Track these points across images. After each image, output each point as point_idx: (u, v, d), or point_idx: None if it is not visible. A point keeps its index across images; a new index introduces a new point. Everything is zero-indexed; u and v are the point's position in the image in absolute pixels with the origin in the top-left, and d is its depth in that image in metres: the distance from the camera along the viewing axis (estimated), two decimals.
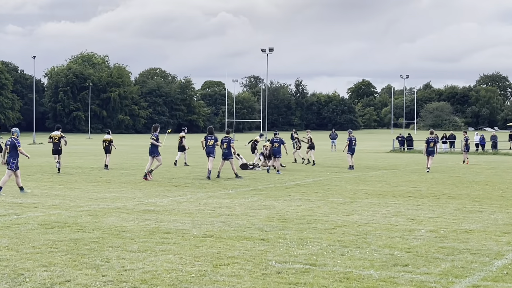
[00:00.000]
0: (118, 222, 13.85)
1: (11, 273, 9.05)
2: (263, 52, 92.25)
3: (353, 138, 33.25)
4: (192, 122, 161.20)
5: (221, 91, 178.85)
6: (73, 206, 16.45)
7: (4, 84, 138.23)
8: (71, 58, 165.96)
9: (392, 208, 16.76)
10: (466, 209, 16.75)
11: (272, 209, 16.34)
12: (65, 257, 10.07)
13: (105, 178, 25.17)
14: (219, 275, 9.04)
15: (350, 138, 33.08)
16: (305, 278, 8.91)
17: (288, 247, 11.10)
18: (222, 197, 19.08)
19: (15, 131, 19.99)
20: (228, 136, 27.54)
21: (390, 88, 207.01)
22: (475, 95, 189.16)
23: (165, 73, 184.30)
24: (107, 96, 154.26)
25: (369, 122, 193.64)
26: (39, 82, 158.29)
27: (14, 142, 19.33)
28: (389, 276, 9.06)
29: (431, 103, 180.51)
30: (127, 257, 10.15)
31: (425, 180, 26.00)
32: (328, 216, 15.03)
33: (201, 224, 13.60)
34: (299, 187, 22.55)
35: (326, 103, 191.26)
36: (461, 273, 9.32)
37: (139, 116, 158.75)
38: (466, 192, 21.11)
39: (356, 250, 10.90)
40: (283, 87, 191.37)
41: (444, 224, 13.95)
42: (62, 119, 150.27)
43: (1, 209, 15.84)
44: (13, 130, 20.05)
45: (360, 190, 21.57)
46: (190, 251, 10.70)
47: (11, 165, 19.21)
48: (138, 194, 19.71)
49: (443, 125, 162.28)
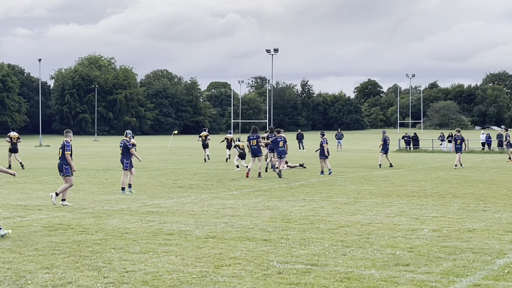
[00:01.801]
0: (122, 223, 13.89)
1: (13, 275, 9.10)
2: (268, 52, 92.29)
3: (387, 137, 35.38)
4: (198, 123, 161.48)
5: (227, 92, 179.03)
6: (77, 208, 16.51)
7: (10, 87, 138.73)
8: (78, 61, 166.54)
9: (396, 207, 16.76)
10: (470, 208, 16.73)
11: (276, 209, 16.35)
12: (68, 259, 10.11)
13: (110, 180, 25.24)
14: (220, 276, 9.06)
15: (385, 138, 35.11)
16: (306, 278, 8.92)
17: (290, 248, 11.11)
18: (226, 198, 19.11)
19: (129, 133, 20.81)
20: (256, 133, 27.64)
21: (396, 88, 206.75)
22: (482, 93, 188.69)
23: (171, 74, 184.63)
24: (113, 98, 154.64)
25: (375, 121, 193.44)
26: (45, 84, 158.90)
27: (126, 144, 20.20)
28: (390, 276, 9.06)
29: (438, 102, 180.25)
30: (129, 258, 10.19)
31: (430, 179, 25.96)
32: (331, 216, 15.03)
33: (204, 225, 13.63)
34: (304, 187, 22.56)
35: (332, 103, 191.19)
36: (462, 272, 9.31)
37: (145, 118, 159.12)
38: (471, 191, 21.08)
39: (358, 250, 10.91)
40: (289, 88, 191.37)
41: (448, 224, 13.94)
42: (69, 121, 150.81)
43: (5, 211, 15.90)
44: (127, 132, 20.85)
45: (364, 190, 21.56)
46: (192, 252, 10.73)
47: (125, 165, 20.21)
48: (142, 195, 19.76)
49: (450, 124, 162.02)
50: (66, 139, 17.51)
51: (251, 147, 27.12)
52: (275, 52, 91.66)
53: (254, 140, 27.21)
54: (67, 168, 17.25)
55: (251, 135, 27.49)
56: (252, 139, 27.20)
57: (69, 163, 17.23)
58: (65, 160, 17.27)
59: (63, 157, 17.32)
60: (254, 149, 27.01)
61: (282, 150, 27.74)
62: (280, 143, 27.79)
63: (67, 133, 17.88)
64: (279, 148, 27.74)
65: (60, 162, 17.37)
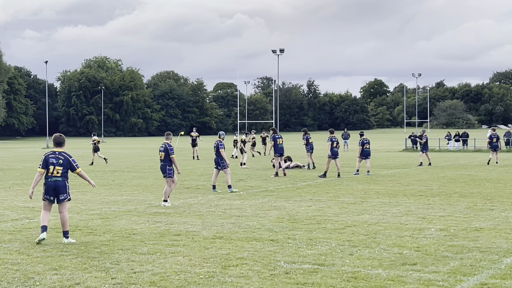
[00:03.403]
0: (129, 224, 13.93)
1: (22, 276, 9.15)
2: (274, 53, 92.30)
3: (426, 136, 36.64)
4: (204, 124, 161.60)
5: (233, 92, 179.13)
6: (84, 210, 16.56)
7: (17, 89, 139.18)
8: (84, 62, 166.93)
9: (403, 207, 16.75)
10: (477, 207, 16.71)
11: (283, 209, 16.37)
12: (75, 260, 10.15)
13: (117, 182, 25.30)
14: (227, 276, 9.09)
15: (426, 137, 36.30)
16: (313, 278, 8.94)
17: (297, 248, 11.13)
18: (233, 198, 19.13)
19: (222, 134, 21.94)
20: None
21: (402, 87, 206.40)
22: (489, 92, 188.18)
23: (177, 75, 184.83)
24: (119, 99, 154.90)
25: (381, 121, 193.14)
26: (52, 86, 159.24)
27: (219, 144, 20.94)
28: (397, 275, 9.07)
29: (444, 101, 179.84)
30: (136, 259, 10.22)
31: (436, 179, 25.93)
32: (338, 216, 15.04)
33: (211, 226, 13.66)
34: (310, 187, 22.56)
35: (338, 103, 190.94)
36: (469, 271, 9.31)
37: (152, 119, 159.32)
38: (478, 190, 21.04)
39: (365, 250, 10.92)
40: (295, 88, 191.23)
41: (455, 223, 13.93)
42: (75, 123, 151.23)
43: (13, 213, 15.97)
44: (220, 133, 21.97)
45: (371, 189, 21.55)
46: (200, 252, 10.75)
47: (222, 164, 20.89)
48: (149, 196, 19.81)
49: (457, 123, 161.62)
50: (168, 142, 17.87)
51: (278, 146, 27.58)
52: (281, 52, 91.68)
53: (280, 139, 28.11)
54: (170, 169, 17.67)
55: (276, 134, 28.15)
56: (278, 138, 27.96)
57: (175, 165, 17.63)
58: (168, 162, 17.63)
59: (166, 159, 17.61)
60: (281, 148, 27.60)
61: (280, 148, 28.01)
62: (279, 140, 28.05)
63: (168, 136, 18.21)
64: (278, 146, 28.07)
65: (163, 164, 17.68)
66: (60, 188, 11.88)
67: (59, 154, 12.01)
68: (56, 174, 11.86)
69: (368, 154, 28.80)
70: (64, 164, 11.91)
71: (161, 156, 17.81)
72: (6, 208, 16.61)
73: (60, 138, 12.22)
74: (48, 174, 11.88)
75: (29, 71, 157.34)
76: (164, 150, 17.77)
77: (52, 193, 11.90)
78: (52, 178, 11.88)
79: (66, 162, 11.95)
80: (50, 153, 12.06)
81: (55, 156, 11.96)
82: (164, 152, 17.73)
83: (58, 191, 11.88)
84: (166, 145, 17.81)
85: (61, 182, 11.90)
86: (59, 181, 11.88)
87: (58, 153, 12.00)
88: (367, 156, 28.72)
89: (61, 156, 11.97)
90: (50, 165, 11.87)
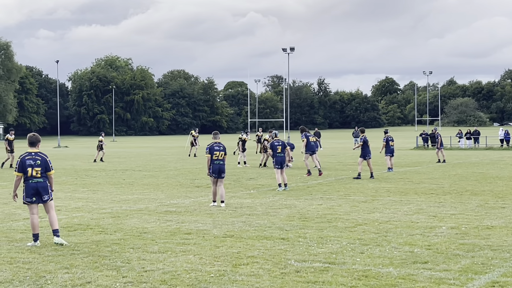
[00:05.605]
0: (140, 223, 13.96)
1: (33, 275, 9.19)
2: (284, 51, 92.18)
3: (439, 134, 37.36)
4: (215, 123, 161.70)
5: (244, 91, 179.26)
6: (95, 209, 16.61)
7: (29, 88, 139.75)
8: (95, 62, 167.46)
9: (414, 205, 16.70)
10: (489, 205, 16.64)
11: (293, 208, 16.36)
12: (87, 259, 10.19)
13: (128, 180, 25.36)
14: (238, 274, 9.09)
15: (439, 134, 36.95)
16: (323, 276, 8.93)
17: (308, 246, 11.12)
18: (244, 197, 19.14)
19: (276, 132, 22.68)
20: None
21: (413, 85, 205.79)
22: (500, 90, 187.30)
23: (188, 74, 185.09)
24: (130, 98, 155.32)
25: (392, 119, 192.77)
26: (63, 86, 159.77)
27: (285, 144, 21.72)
28: (408, 274, 9.05)
29: (455, 99, 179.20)
30: (147, 258, 10.25)
31: (448, 177, 25.84)
32: (349, 215, 15.02)
33: (222, 225, 13.67)
34: (321, 186, 22.53)
35: (349, 101, 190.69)
36: (481, 269, 9.28)
37: (163, 118, 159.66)
38: (489, 188, 20.95)
39: (376, 248, 10.89)
40: (305, 86, 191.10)
41: (466, 221, 13.88)
42: (86, 122, 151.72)
43: (24, 212, 16.01)
44: (275, 132, 22.79)
45: (382, 188, 21.50)
46: (210, 251, 10.77)
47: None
48: (160, 195, 19.84)
49: (468, 121, 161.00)
50: (218, 141, 17.31)
51: (311, 143, 27.43)
52: (291, 51, 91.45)
53: (313, 137, 27.97)
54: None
55: (307, 132, 28.03)
56: (310, 136, 27.85)
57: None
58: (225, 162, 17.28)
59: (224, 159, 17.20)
60: (313, 145, 27.55)
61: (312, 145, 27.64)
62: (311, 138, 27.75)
63: (215, 135, 17.61)
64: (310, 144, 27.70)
65: (223, 164, 17.16)
66: (43, 189, 11.65)
67: (35, 154, 11.74)
68: (36, 176, 11.60)
69: (392, 151, 29.15)
70: (42, 165, 11.64)
71: (219, 156, 17.09)
72: (18, 207, 16.68)
73: (34, 138, 11.91)
74: (28, 176, 11.60)
75: (40, 70, 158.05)
76: (223, 150, 17.18)
77: (33, 195, 11.64)
78: (33, 179, 11.61)
79: (43, 162, 11.69)
80: (25, 155, 11.76)
81: (32, 157, 11.69)
82: (223, 151, 17.16)
83: (40, 192, 11.64)
84: (222, 144, 17.26)
85: (43, 183, 11.66)
86: (41, 182, 11.63)
87: (34, 154, 11.74)
88: (392, 153, 29.06)
89: (38, 156, 11.71)
90: (28, 167, 11.58)
